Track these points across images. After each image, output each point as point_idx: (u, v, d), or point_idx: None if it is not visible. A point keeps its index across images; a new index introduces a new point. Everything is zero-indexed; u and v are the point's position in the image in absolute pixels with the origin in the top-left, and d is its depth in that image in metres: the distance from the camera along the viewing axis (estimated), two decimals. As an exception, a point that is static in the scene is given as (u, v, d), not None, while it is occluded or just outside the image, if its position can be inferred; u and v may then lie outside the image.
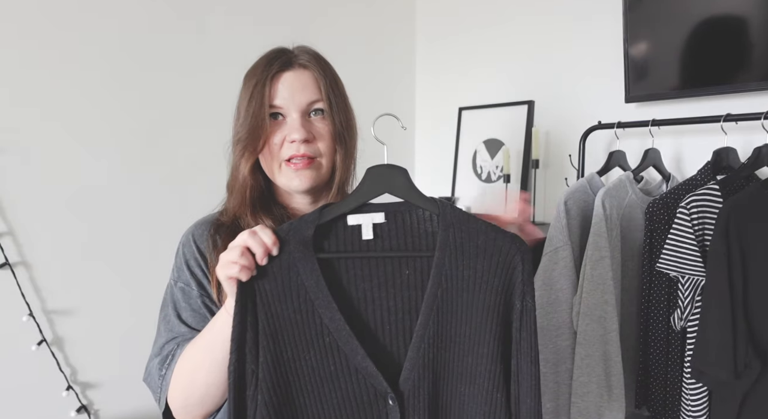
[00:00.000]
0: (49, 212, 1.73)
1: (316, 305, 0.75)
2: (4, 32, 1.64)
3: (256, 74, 0.93)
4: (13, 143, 1.66)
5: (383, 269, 0.78)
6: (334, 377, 0.76)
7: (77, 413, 1.78)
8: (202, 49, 1.98)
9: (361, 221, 0.79)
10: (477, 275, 0.76)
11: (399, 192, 0.80)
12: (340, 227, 0.80)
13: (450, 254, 0.77)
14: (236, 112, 0.97)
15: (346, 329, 0.75)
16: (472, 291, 0.76)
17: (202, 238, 0.96)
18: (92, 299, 1.81)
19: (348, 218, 0.79)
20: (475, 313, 0.76)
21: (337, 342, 0.75)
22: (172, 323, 0.94)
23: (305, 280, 0.76)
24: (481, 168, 2.21)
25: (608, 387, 1.40)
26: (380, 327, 0.78)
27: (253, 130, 0.92)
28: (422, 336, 0.76)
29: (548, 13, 2.01)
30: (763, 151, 1.29)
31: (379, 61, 2.46)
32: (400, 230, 0.80)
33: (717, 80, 1.50)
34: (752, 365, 1.14)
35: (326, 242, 0.79)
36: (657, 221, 1.40)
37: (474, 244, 0.77)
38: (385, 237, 0.79)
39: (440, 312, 0.76)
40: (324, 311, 0.75)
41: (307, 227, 0.77)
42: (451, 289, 0.76)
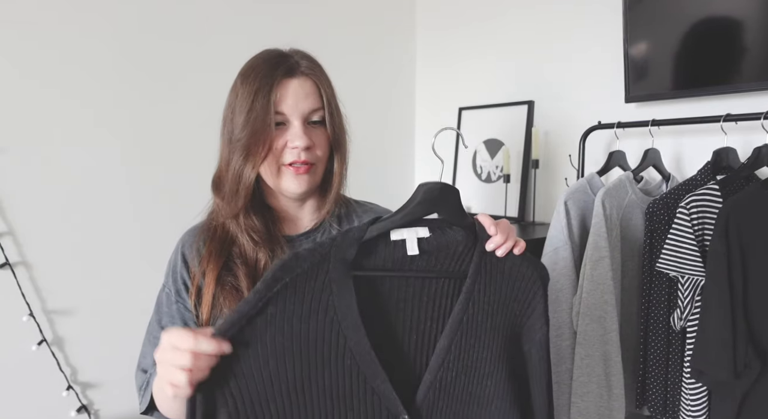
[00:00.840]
0: (49, 212, 1.73)
1: (342, 327, 0.74)
2: (3, 32, 1.64)
3: (257, 78, 0.93)
4: (13, 143, 1.66)
5: (419, 284, 0.78)
6: (349, 397, 0.74)
7: (77, 413, 1.78)
8: (201, 48, 1.98)
9: (406, 236, 0.78)
10: (501, 301, 0.78)
11: (448, 214, 0.79)
12: (382, 242, 0.78)
13: (480, 280, 0.78)
14: (228, 111, 0.96)
15: (371, 354, 0.73)
16: (494, 316, 0.78)
17: (188, 245, 0.99)
18: (92, 299, 1.81)
19: (391, 233, 0.78)
20: (496, 338, 0.77)
21: (358, 365, 0.74)
22: (154, 328, 0.98)
23: (337, 301, 0.74)
24: (481, 168, 2.21)
25: (608, 387, 1.40)
26: (406, 342, 0.77)
27: (257, 135, 0.92)
28: (442, 360, 0.76)
29: (548, 13, 2.01)
30: (763, 151, 1.29)
31: (379, 61, 2.46)
32: (441, 247, 0.79)
33: (717, 80, 1.50)
34: (752, 365, 1.14)
35: (369, 256, 0.78)
36: (657, 221, 1.40)
37: (501, 269, 0.78)
38: (426, 253, 0.79)
39: (463, 337, 0.76)
40: (350, 333, 0.73)
41: (350, 245, 0.76)
42: (476, 314, 0.77)
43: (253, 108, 0.92)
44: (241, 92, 0.94)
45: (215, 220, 0.99)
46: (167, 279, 0.99)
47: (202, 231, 0.99)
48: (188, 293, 0.96)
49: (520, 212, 2.04)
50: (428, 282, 0.78)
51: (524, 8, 2.10)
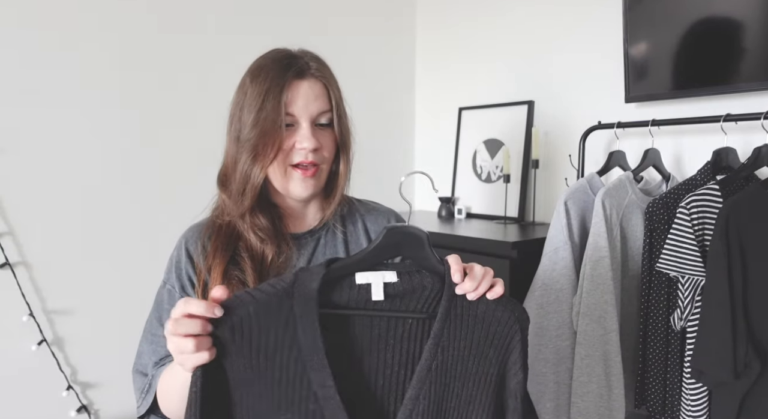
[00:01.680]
0: (49, 212, 1.73)
1: (307, 367, 0.70)
2: (3, 32, 1.64)
3: (268, 78, 0.93)
4: (13, 143, 1.66)
5: (385, 323, 0.75)
6: None
7: (77, 413, 1.78)
8: (202, 48, 1.98)
9: (371, 281, 0.74)
10: (473, 346, 0.74)
11: (415, 258, 0.76)
12: (346, 283, 0.75)
13: (449, 325, 0.74)
14: (237, 109, 0.96)
15: (335, 398, 0.69)
16: (466, 361, 0.74)
17: (192, 241, 0.98)
18: (92, 299, 1.81)
19: (356, 276, 0.74)
20: (469, 383, 0.74)
21: (321, 411, 0.69)
22: (154, 326, 0.97)
23: (301, 338, 0.70)
24: (481, 168, 2.21)
25: (608, 387, 1.40)
26: (373, 388, 0.74)
27: (267, 135, 0.92)
28: (411, 410, 0.72)
29: (548, 13, 2.01)
30: (763, 151, 1.29)
31: (379, 61, 2.46)
32: (407, 292, 0.76)
33: (717, 80, 1.50)
34: (752, 365, 1.14)
35: (332, 295, 0.74)
36: (657, 221, 1.40)
37: (473, 314, 0.75)
38: (391, 297, 0.75)
39: (432, 386, 0.73)
40: (315, 374, 0.70)
41: (312, 281, 0.72)
42: (446, 361, 0.74)
43: (263, 108, 0.92)
44: (251, 91, 0.94)
45: (220, 217, 0.99)
46: (169, 276, 0.99)
47: (207, 227, 0.99)
48: (194, 289, 0.96)
49: (520, 212, 2.04)
50: (396, 324, 0.75)
51: (524, 8, 2.10)
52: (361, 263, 0.74)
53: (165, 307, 0.97)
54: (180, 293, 0.96)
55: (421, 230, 0.75)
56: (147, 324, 1.00)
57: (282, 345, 0.70)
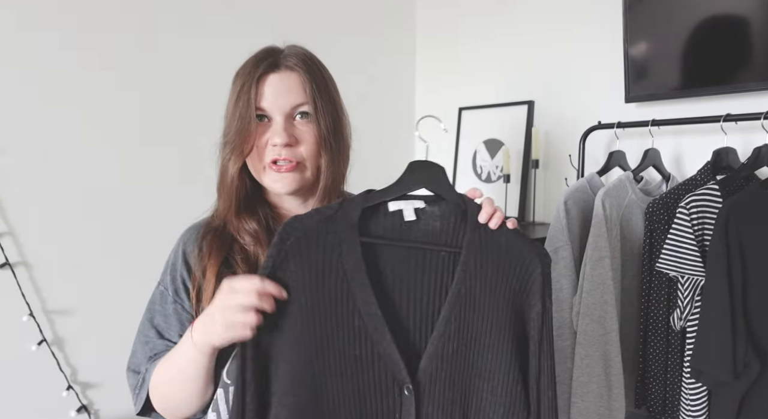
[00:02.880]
0: (49, 212, 1.73)
1: (352, 287, 0.77)
2: (3, 33, 1.64)
3: (243, 75, 0.93)
4: (13, 143, 1.66)
5: (418, 256, 0.81)
6: (359, 360, 0.77)
7: (77, 413, 1.78)
8: (201, 48, 1.98)
9: (403, 207, 0.82)
10: (499, 275, 0.79)
11: (436, 187, 0.84)
12: (381, 212, 0.83)
13: (475, 253, 0.80)
14: (226, 111, 0.97)
15: (378, 314, 0.77)
16: (493, 290, 0.79)
17: (190, 243, 0.97)
18: (92, 299, 1.81)
19: (389, 204, 0.83)
20: (496, 311, 0.79)
21: (366, 326, 0.77)
22: (145, 327, 0.98)
23: (345, 261, 0.78)
24: (481, 168, 2.21)
25: (608, 387, 1.40)
26: (410, 310, 0.80)
27: (240, 132, 0.92)
28: (443, 331, 0.78)
29: (548, 13, 2.01)
30: (763, 151, 1.29)
31: (379, 61, 2.46)
32: (436, 219, 0.83)
33: (717, 80, 1.50)
34: (751, 365, 1.14)
35: (370, 224, 0.82)
36: (657, 221, 1.40)
37: (497, 244, 0.80)
38: (422, 223, 0.83)
39: (462, 309, 0.78)
40: (359, 294, 0.77)
41: (354, 210, 0.81)
42: (474, 287, 0.79)
43: (238, 105, 0.92)
44: (231, 92, 0.95)
45: (217, 218, 0.99)
46: (164, 277, 0.98)
47: (204, 228, 0.98)
48: (187, 293, 0.95)
49: (520, 212, 2.04)
50: (428, 255, 0.81)
51: (524, 8, 2.10)
52: (391, 192, 0.83)
53: (156, 308, 0.97)
54: (173, 296, 0.95)
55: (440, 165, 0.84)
56: (140, 325, 0.99)
57: (330, 266, 0.78)
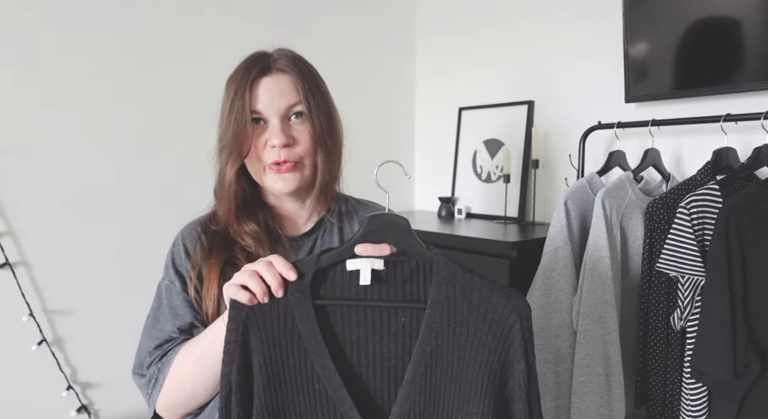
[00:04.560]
0: (49, 212, 1.73)
1: (308, 352, 0.75)
2: (3, 32, 1.64)
3: (236, 80, 0.95)
4: (13, 143, 1.66)
5: (378, 316, 0.78)
6: None
7: (77, 413, 1.78)
8: (202, 49, 1.98)
9: (360, 267, 0.77)
10: (470, 333, 0.75)
11: (400, 244, 0.79)
12: (338, 271, 0.79)
13: (442, 312, 0.76)
14: (220, 118, 0.98)
15: (336, 378, 0.75)
16: (464, 349, 0.75)
17: (190, 237, 0.99)
18: (92, 299, 1.81)
19: (347, 263, 0.78)
20: (467, 370, 0.75)
21: (326, 390, 0.75)
22: (150, 322, 0.98)
23: (300, 326, 0.76)
24: (481, 168, 2.21)
25: (608, 387, 1.40)
26: (371, 374, 0.78)
27: (237, 136, 0.94)
28: (408, 392, 0.75)
29: (548, 13, 2.01)
30: (763, 151, 1.29)
31: (379, 61, 2.46)
32: (398, 279, 0.79)
33: (717, 80, 1.50)
34: (752, 365, 1.14)
35: (323, 286, 0.79)
36: (657, 221, 1.40)
37: (467, 302, 0.76)
38: (383, 284, 0.79)
39: (428, 369, 0.75)
40: (316, 358, 0.75)
41: (305, 273, 0.78)
42: (441, 346, 0.75)
43: (232, 110, 0.94)
44: (224, 97, 0.97)
45: (217, 223, 0.99)
46: (167, 272, 0.99)
47: (203, 224, 1.00)
48: (190, 282, 0.96)
49: (520, 212, 2.04)
50: (390, 313, 0.78)
51: (524, 9, 2.10)
52: (348, 250, 0.78)
53: (163, 302, 0.98)
54: (181, 286, 0.96)
55: (402, 217, 0.79)
56: (147, 320, 0.99)
57: (285, 332, 0.76)
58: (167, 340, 0.95)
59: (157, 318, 0.97)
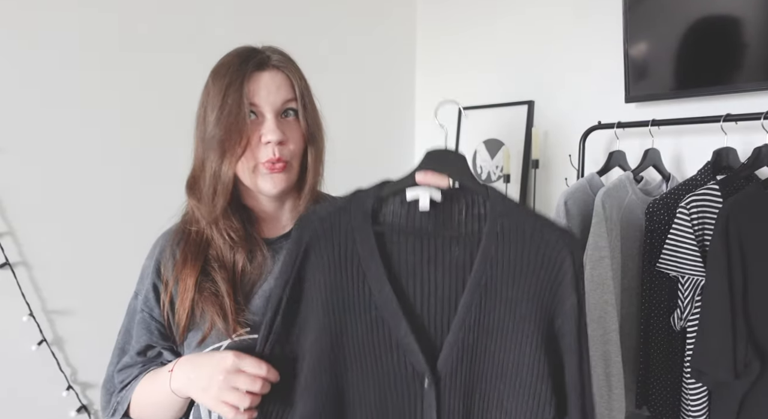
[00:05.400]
0: (49, 212, 1.73)
1: (367, 276, 0.77)
2: (3, 33, 1.64)
3: (228, 73, 0.92)
4: (13, 143, 1.66)
5: (433, 247, 0.79)
6: (377, 350, 0.77)
7: (77, 413, 1.78)
8: (201, 48, 1.97)
9: (419, 194, 0.79)
10: (523, 267, 0.76)
11: (455, 175, 0.81)
12: (397, 201, 0.81)
13: (497, 244, 0.77)
14: (201, 110, 0.95)
15: (393, 303, 0.76)
16: (517, 281, 0.76)
17: (164, 250, 0.99)
18: (92, 299, 1.80)
19: (407, 192, 0.80)
20: (520, 303, 0.76)
21: (383, 315, 0.76)
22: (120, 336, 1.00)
23: (360, 250, 0.78)
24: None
25: (608, 387, 1.40)
26: (425, 303, 0.78)
27: (232, 129, 0.89)
28: (462, 321, 0.76)
29: (548, 13, 2.01)
30: (763, 151, 1.29)
31: (379, 61, 2.46)
32: (454, 211, 0.80)
33: (717, 80, 1.50)
34: (752, 365, 1.14)
35: (384, 214, 0.80)
36: (657, 221, 1.40)
37: (522, 236, 0.77)
38: (439, 216, 0.80)
39: (483, 300, 0.76)
40: (374, 282, 0.77)
41: (367, 199, 0.80)
42: (495, 278, 0.76)
43: (225, 103, 0.90)
44: (213, 89, 0.93)
45: (190, 223, 0.97)
46: (141, 287, 0.99)
47: (176, 234, 0.98)
48: (158, 301, 0.96)
49: (520, 212, 2.03)
50: (445, 244, 0.79)
51: (524, 8, 2.10)
52: (407, 181, 0.81)
53: (137, 317, 0.98)
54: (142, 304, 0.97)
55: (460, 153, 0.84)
56: (118, 336, 1.00)
57: (346, 256, 0.78)
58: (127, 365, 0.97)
59: (129, 335, 0.99)
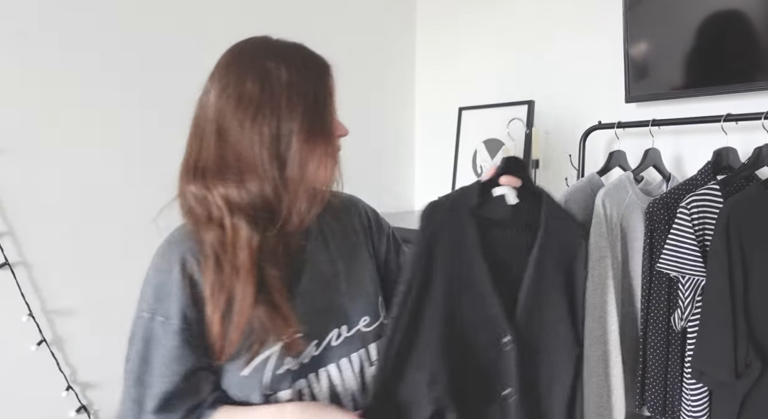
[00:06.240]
0: (49, 212, 1.73)
1: (472, 259, 0.99)
2: (3, 32, 1.64)
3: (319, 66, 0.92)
4: (13, 143, 1.66)
5: (508, 234, 1.04)
6: (477, 321, 1.00)
7: (77, 413, 1.78)
8: (202, 48, 1.97)
9: (505, 192, 1.03)
10: (560, 250, 1.05)
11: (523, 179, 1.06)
12: (489, 197, 1.04)
13: (546, 231, 1.04)
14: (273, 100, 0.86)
15: (488, 282, 0.99)
16: (556, 261, 1.04)
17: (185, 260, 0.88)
18: (92, 299, 1.80)
19: (495, 189, 1.04)
20: (557, 277, 1.05)
21: (481, 293, 0.99)
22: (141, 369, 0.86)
23: (468, 238, 1.00)
24: (481, 168, 2.21)
25: (608, 387, 1.40)
26: (501, 278, 1.00)
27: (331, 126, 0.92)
28: (527, 291, 1.01)
29: (548, 13, 2.01)
30: (763, 151, 1.29)
31: (379, 61, 2.46)
32: (523, 206, 1.04)
33: (717, 80, 1.50)
34: (752, 365, 1.14)
35: (484, 207, 1.04)
36: (657, 221, 1.40)
37: (559, 225, 1.05)
38: (514, 208, 1.04)
39: (537, 275, 1.02)
40: (478, 266, 0.99)
41: (471, 197, 1.03)
42: (545, 259, 1.03)
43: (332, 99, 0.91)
44: (298, 78, 0.87)
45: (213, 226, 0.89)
46: (158, 305, 0.87)
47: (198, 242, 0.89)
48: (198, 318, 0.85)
49: (521, 212, 2.03)
50: (515, 232, 1.04)
51: (524, 8, 2.10)
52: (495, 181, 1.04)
53: (162, 342, 0.85)
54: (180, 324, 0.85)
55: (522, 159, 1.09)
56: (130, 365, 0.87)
57: (459, 242, 1.00)
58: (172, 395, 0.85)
59: (148, 364, 0.86)
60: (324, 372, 0.94)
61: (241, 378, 0.87)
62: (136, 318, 0.90)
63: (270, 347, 0.87)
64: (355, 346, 0.98)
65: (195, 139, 0.94)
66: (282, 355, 0.88)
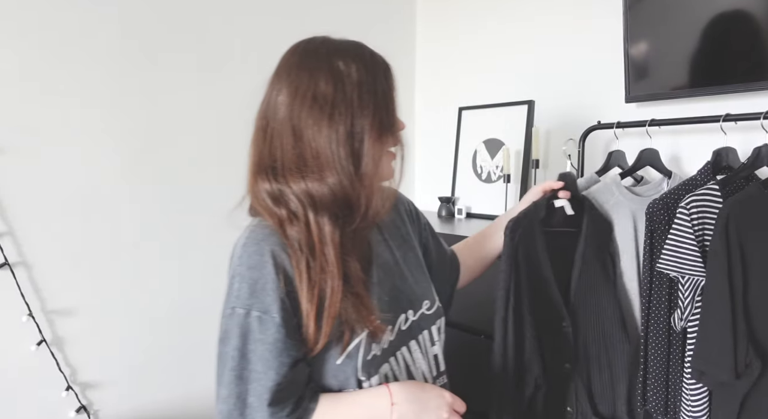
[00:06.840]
0: (49, 212, 1.73)
1: (541, 261, 1.28)
2: (3, 32, 1.64)
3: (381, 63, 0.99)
4: (13, 143, 1.66)
5: (560, 237, 1.32)
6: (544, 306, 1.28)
7: (77, 413, 1.78)
8: (203, 48, 1.98)
9: (564, 204, 1.32)
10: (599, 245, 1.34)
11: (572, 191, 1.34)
12: (551, 208, 1.33)
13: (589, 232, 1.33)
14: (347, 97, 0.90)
15: (552, 278, 1.29)
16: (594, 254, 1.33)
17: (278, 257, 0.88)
18: (92, 299, 1.81)
19: (555, 202, 1.32)
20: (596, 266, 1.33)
21: (546, 287, 1.28)
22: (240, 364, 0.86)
23: (538, 244, 1.29)
24: (481, 168, 2.21)
25: (608, 387, 1.40)
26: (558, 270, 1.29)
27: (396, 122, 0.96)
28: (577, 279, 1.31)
29: (548, 13, 2.01)
30: (763, 151, 1.29)
31: (379, 61, 2.46)
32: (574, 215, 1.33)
33: (717, 80, 1.50)
34: (753, 365, 1.14)
35: (548, 217, 1.31)
36: (657, 221, 1.40)
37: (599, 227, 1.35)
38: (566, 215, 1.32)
39: (583, 268, 1.31)
40: (545, 266, 1.29)
41: (540, 210, 1.31)
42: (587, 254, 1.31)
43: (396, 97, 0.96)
44: (367, 77, 0.94)
45: (350, 224, 0.92)
46: (253, 301, 0.86)
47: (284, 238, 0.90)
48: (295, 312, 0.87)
49: (520, 212, 2.03)
50: (565, 235, 1.31)
51: (524, 8, 2.10)
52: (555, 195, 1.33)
53: (257, 337, 0.85)
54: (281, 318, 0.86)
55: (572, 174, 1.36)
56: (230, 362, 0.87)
57: (534, 249, 1.28)
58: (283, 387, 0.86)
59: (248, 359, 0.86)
60: (400, 354, 1.02)
61: (337, 366, 0.92)
62: (227, 316, 0.89)
63: (358, 335, 0.92)
64: (420, 328, 1.06)
65: (265, 138, 0.93)
66: (368, 343, 0.93)
